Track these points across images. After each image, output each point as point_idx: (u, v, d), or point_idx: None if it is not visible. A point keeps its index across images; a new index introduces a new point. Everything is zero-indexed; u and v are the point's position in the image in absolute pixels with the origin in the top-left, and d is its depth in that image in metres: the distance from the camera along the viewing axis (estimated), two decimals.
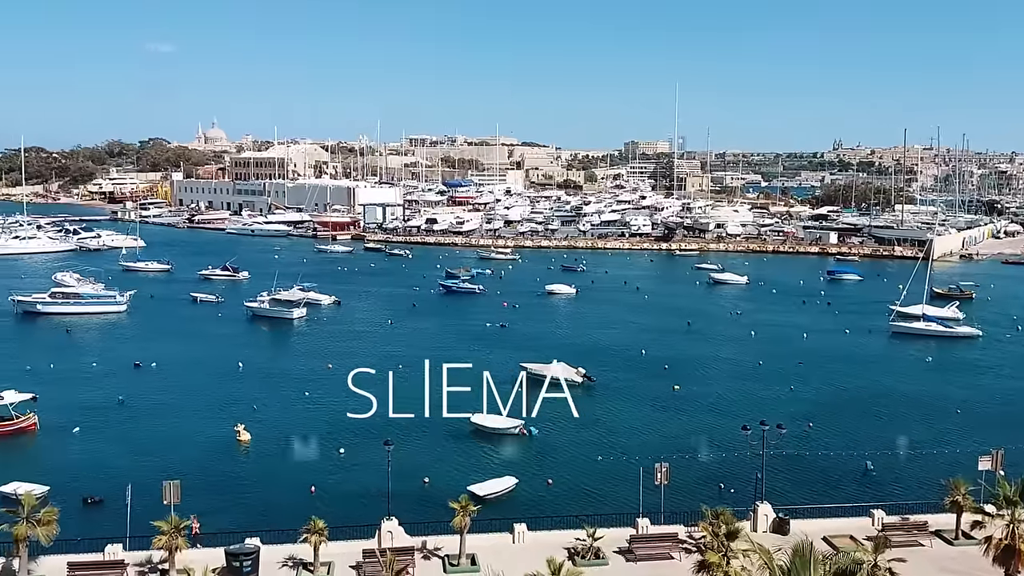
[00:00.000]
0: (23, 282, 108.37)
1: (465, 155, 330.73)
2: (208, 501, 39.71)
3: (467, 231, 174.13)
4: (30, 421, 52.39)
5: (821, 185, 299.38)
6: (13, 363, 68.25)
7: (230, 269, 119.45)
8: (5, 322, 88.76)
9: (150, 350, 73.57)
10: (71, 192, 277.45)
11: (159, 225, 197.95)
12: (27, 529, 30.02)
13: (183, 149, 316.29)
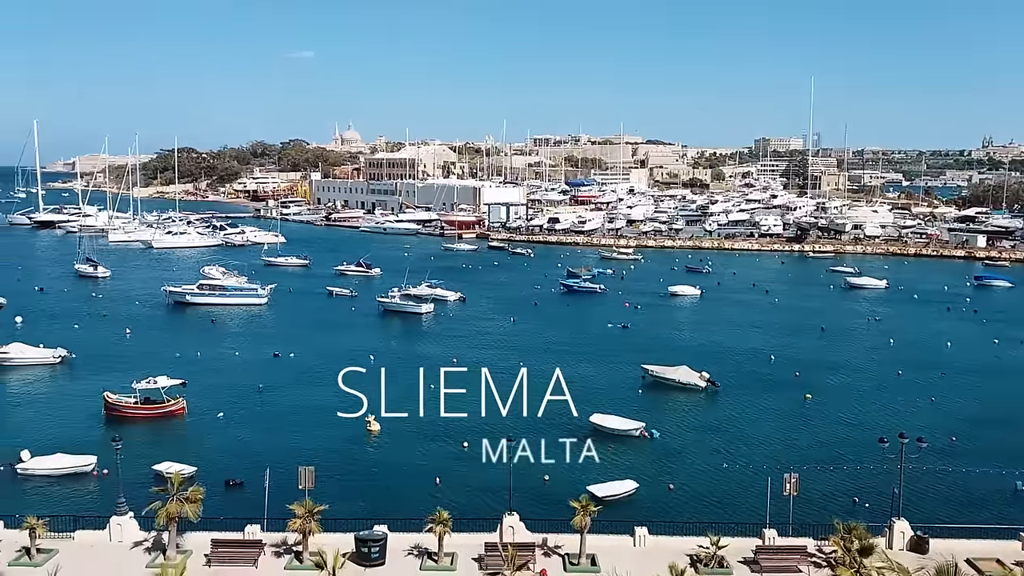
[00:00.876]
0: (174, 274, 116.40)
1: (588, 154, 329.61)
2: (339, 487, 41.42)
3: (589, 230, 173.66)
4: (179, 405, 56.20)
5: (968, 185, 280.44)
6: (165, 350, 73.44)
7: (363, 265, 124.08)
8: (158, 311, 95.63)
9: (288, 341, 77.45)
10: (218, 190, 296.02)
11: (298, 222, 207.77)
12: (176, 507, 32.22)
13: (321, 150, 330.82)
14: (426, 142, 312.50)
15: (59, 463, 45.37)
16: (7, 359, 67.02)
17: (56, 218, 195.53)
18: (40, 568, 31.11)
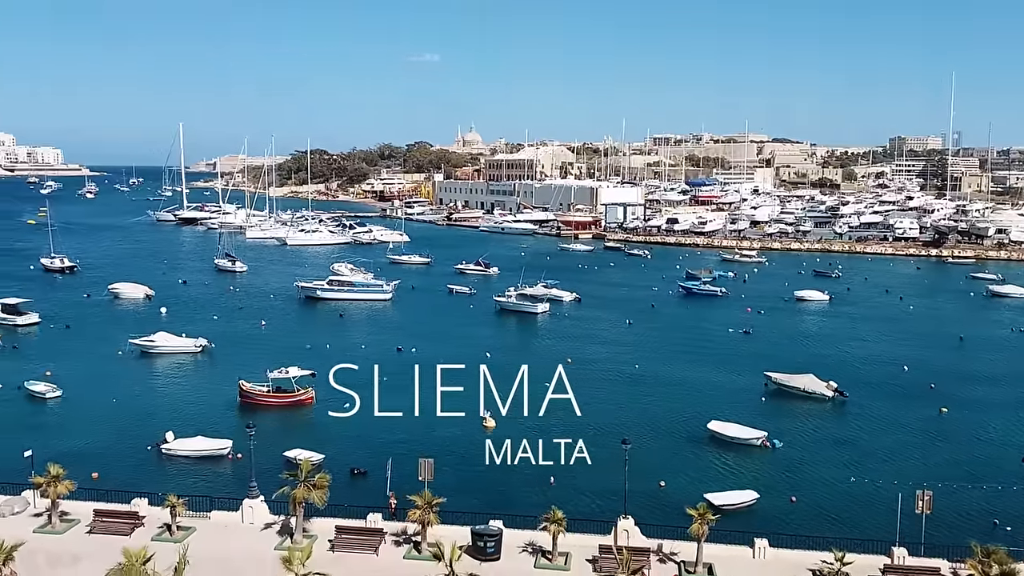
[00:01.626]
0: (306, 270, 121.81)
1: (710, 153, 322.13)
2: (456, 480, 42.28)
3: (710, 231, 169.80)
4: (309, 394, 58.82)
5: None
6: (296, 341, 77.03)
7: (482, 264, 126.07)
8: (291, 305, 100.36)
9: (410, 336, 79.65)
10: (348, 190, 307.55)
11: (421, 222, 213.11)
12: (304, 492, 33.79)
13: (444, 152, 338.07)
14: (544, 143, 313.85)
15: (199, 446, 48.44)
16: (154, 347, 72.09)
17: (198, 215, 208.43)
18: (179, 544, 33.26)
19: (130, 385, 63.79)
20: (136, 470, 45.00)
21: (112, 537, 34.10)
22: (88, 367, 67.22)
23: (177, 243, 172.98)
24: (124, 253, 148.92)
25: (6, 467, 41.91)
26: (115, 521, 35.28)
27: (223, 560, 30.95)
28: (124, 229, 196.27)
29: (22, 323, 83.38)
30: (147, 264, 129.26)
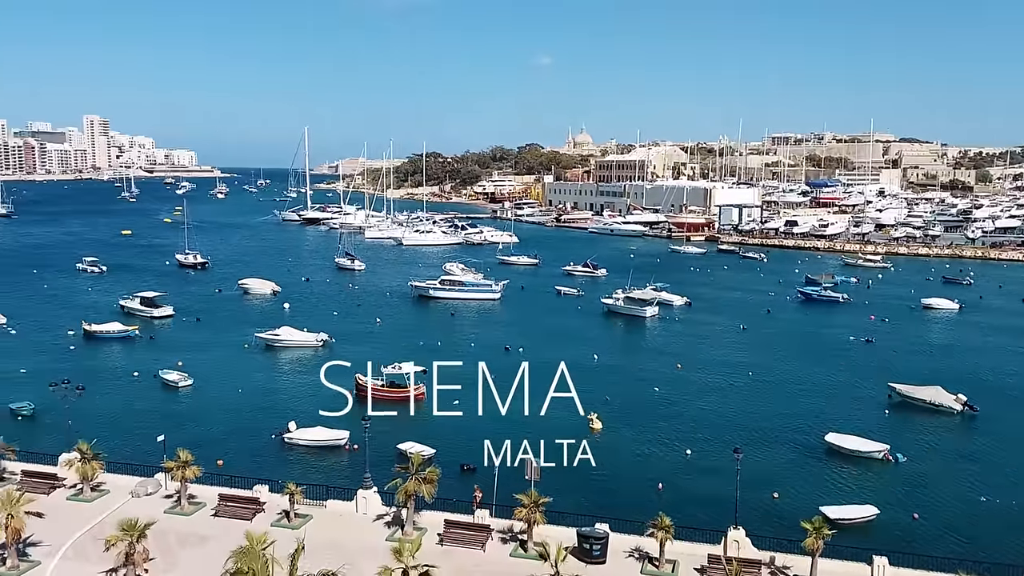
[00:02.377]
0: (419, 270, 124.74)
1: (833, 153, 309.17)
2: (562, 481, 42.22)
3: (831, 235, 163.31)
4: (420, 390, 60.17)
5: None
6: (410, 338, 79.02)
7: (590, 266, 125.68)
8: (405, 303, 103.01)
9: (518, 335, 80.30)
10: (460, 192, 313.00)
11: (530, 223, 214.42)
12: (415, 485, 34.62)
13: (554, 153, 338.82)
14: (656, 143, 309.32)
15: (318, 436, 50.44)
16: (278, 341, 75.55)
17: (321, 216, 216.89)
18: (297, 531, 34.73)
19: (255, 376, 67.12)
20: (258, 457, 47.23)
21: (235, 521, 35.95)
22: (217, 358, 71.11)
23: (301, 242, 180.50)
24: (252, 251, 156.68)
25: (142, 450, 44.94)
26: (238, 506, 37.17)
27: (337, 548, 32.07)
28: (252, 228, 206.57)
29: (158, 315, 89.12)
30: (273, 261, 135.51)
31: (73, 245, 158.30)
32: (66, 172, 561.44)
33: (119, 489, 39.10)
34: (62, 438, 42.86)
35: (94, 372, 65.47)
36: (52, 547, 32.90)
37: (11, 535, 31.07)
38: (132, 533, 29.98)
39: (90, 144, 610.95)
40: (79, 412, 49.39)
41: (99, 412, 53.47)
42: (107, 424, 50.98)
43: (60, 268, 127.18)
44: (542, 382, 64.56)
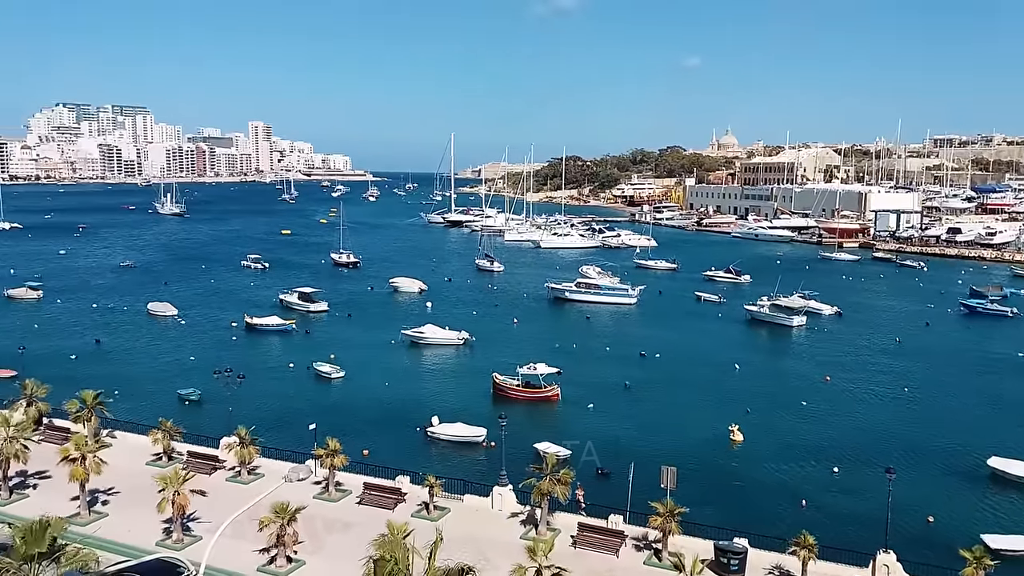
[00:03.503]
0: (556, 272, 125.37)
1: (1002, 156, 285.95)
2: (699, 491, 41.39)
3: (1000, 243, 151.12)
4: (554, 391, 60.68)
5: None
6: (545, 340, 79.65)
7: (733, 272, 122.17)
8: (541, 305, 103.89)
9: (654, 342, 79.24)
10: (599, 195, 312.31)
11: (670, 227, 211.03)
12: (549, 486, 34.87)
13: (697, 156, 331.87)
14: (807, 145, 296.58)
15: (458, 431, 51.76)
16: (423, 338, 78.12)
17: (463, 218, 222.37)
18: (434, 523, 35.73)
19: (401, 371, 69.71)
20: (401, 449, 48.90)
21: (377, 509, 37.49)
22: (366, 353, 74.25)
23: (444, 243, 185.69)
24: (399, 251, 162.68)
25: (295, 437, 47.61)
26: (381, 495, 38.72)
27: (472, 542, 32.79)
28: (399, 229, 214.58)
29: (314, 310, 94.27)
30: (418, 262, 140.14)
31: (238, 243, 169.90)
32: (232, 175, 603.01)
33: (273, 473, 41.63)
34: (223, 423, 46.05)
35: (254, 362, 69.95)
36: (212, 524, 35.37)
37: (177, 510, 33.74)
38: (283, 516, 31.84)
39: (254, 149, 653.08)
40: (239, 399, 53.04)
41: (257, 400, 57.05)
42: (264, 411, 54.30)
43: (226, 264, 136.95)
44: (680, 389, 63.88)
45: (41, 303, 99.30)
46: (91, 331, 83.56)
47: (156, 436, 43.04)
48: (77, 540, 30.15)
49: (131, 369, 68.25)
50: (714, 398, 61.59)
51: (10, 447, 37.31)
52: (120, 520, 35.89)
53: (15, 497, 38.22)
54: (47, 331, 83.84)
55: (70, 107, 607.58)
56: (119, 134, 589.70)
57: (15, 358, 67.87)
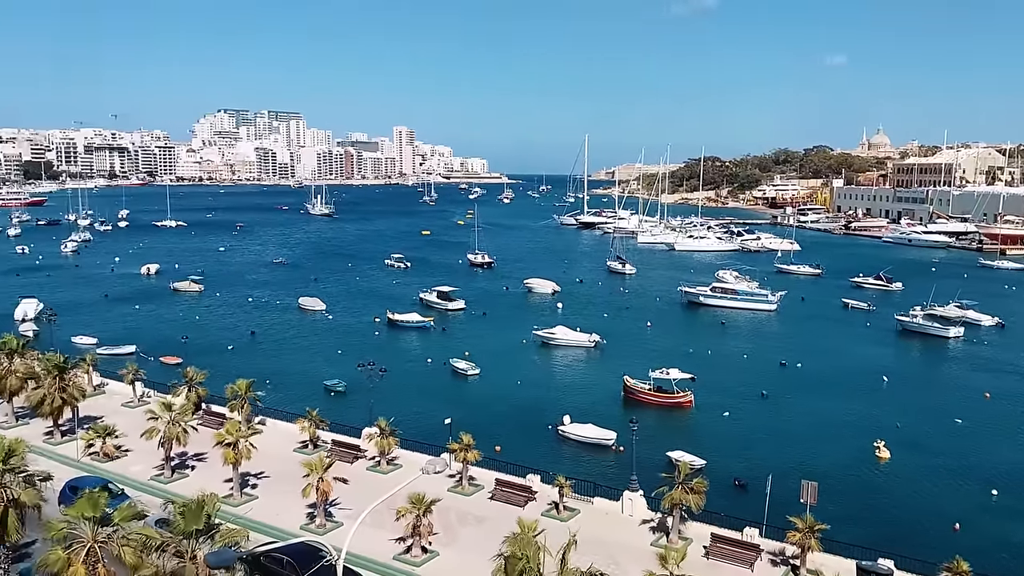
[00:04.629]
0: (690, 275, 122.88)
1: None
2: (841, 508, 39.52)
3: None
4: (688, 397, 59.49)
5: None
6: (678, 345, 78.26)
7: (883, 278, 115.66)
8: (674, 308, 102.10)
9: (795, 350, 76.21)
10: (738, 197, 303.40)
11: (814, 230, 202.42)
12: (681, 494, 34.23)
13: (845, 156, 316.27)
14: (966, 145, 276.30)
15: (588, 432, 51.75)
16: (553, 339, 78.58)
17: (596, 220, 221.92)
18: (564, 523, 35.86)
19: (532, 371, 70.48)
20: (531, 447, 49.35)
21: (508, 506, 38.02)
22: (499, 351, 75.50)
23: (576, 245, 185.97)
24: (531, 252, 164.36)
25: (431, 430, 48.99)
26: (512, 492, 39.26)
27: (602, 546, 32.68)
28: (533, 231, 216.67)
29: (451, 308, 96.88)
30: (550, 263, 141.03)
31: (381, 242, 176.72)
32: (378, 177, 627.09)
33: (410, 464, 43.04)
34: (365, 414, 48.04)
35: (394, 356, 72.55)
36: (352, 512, 36.89)
37: (320, 497, 35.49)
38: (420, 507, 32.89)
39: (398, 153, 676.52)
40: (381, 391, 55.19)
41: (397, 392, 59.14)
42: (403, 404, 56.07)
43: (370, 262, 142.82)
44: (822, 401, 61.16)
45: (202, 296, 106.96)
46: (246, 323, 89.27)
47: (303, 424, 45.41)
48: (229, 519, 32.28)
49: (282, 360, 72.41)
50: (859, 411, 58.61)
51: (172, 430, 40.40)
52: (268, 503, 38.14)
53: (176, 476, 41.37)
54: (207, 322, 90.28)
55: (230, 113, 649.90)
56: (274, 138, 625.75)
57: (179, 346, 73.72)
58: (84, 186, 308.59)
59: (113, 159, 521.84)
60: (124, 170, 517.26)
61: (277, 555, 29.59)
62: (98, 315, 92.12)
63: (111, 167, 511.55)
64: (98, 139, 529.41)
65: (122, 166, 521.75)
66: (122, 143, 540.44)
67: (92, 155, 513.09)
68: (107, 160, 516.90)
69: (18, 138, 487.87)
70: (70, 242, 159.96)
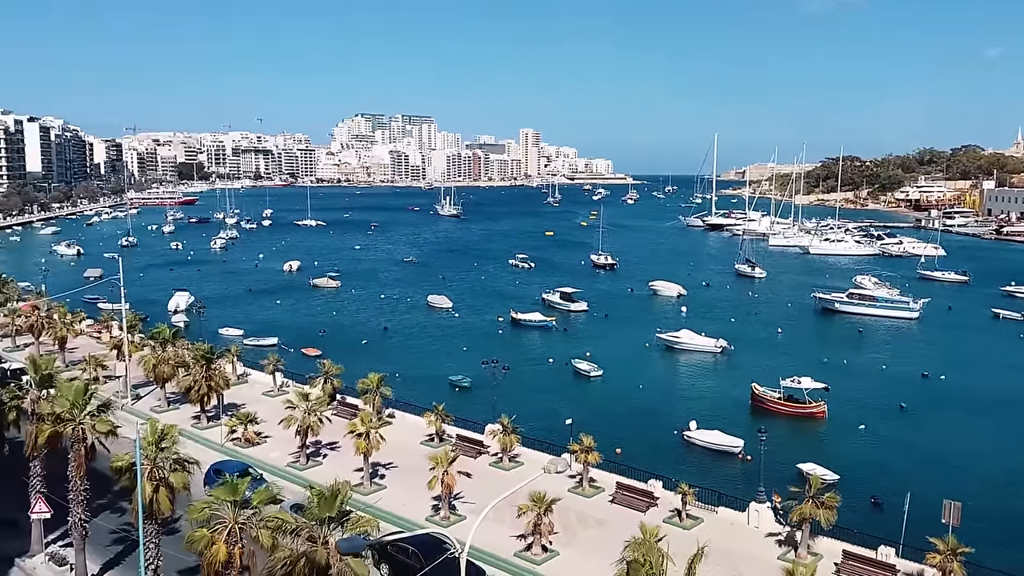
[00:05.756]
0: (826, 281, 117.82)
1: None
2: (987, 531, 36.84)
3: None
4: (820, 408, 57.07)
5: None
6: (810, 353, 75.22)
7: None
8: (807, 315, 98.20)
9: (939, 361, 71.80)
10: (878, 199, 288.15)
11: (962, 235, 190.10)
12: (811, 508, 32.91)
13: (997, 156, 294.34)
14: None
15: (714, 439, 50.59)
16: (678, 343, 77.26)
17: (724, 222, 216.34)
18: (687, 531, 35.21)
19: (655, 374, 69.68)
20: (653, 452, 48.69)
21: (629, 510, 37.68)
22: (621, 353, 74.98)
23: (702, 247, 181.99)
24: (656, 254, 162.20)
25: (552, 429, 49.24)
26: (633, 496, 38.89)
27: (726, 556, 31.91)
28: (657, 232, 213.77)
29: (574, 309, 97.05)
30: (674, 265, 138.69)
31: (506, 243, 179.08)
32: (503, 179, 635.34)
33: (531, 462, 43.46)
34: (488, 410, 48.87)
35: (517, 355, 73.39)
36: (475, 506, 37.63)
37: (445, 490, 36.37)
38: (540, 505, 33.12)
39: (523, 154, 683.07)
40: (503, 389, 56.00)
41: (519, 390, 59.83)
42: (524, 402, 56.59)
43: (495, 262, 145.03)
44: (968, 416, 57.31)
45: (339, 291, 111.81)
46: (379, 318, 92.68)
47: (430, 418, 46.68)
48: (359, 507, 33.59)
49: (410, 355, 74.73)
50: (1011, 429, 54.59)
51: (308, 419, 42.45)
52: (396, 493, 39.44)
53: (310, 464, 43.43)
54: (342, 317, 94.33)
55: (367, 117, 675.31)
56: (407, 141, 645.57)
57: (317, 339, 77.36)
58: (232, 186, 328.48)
59: (258, 161, 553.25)
60: (268, 171, 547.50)
61: (403, 544, 30.57)
62: (242, 308, 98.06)
63: (256, 168, 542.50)
64: (245, 142, 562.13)
65: (266, 168, 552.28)
66: (266, 146, 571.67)
67: (239, 157, 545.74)
68: (253, 162, 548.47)
69: (174, 141, 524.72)
70: (219, 239, 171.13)
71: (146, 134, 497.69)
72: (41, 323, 65.02)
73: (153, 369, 51.21)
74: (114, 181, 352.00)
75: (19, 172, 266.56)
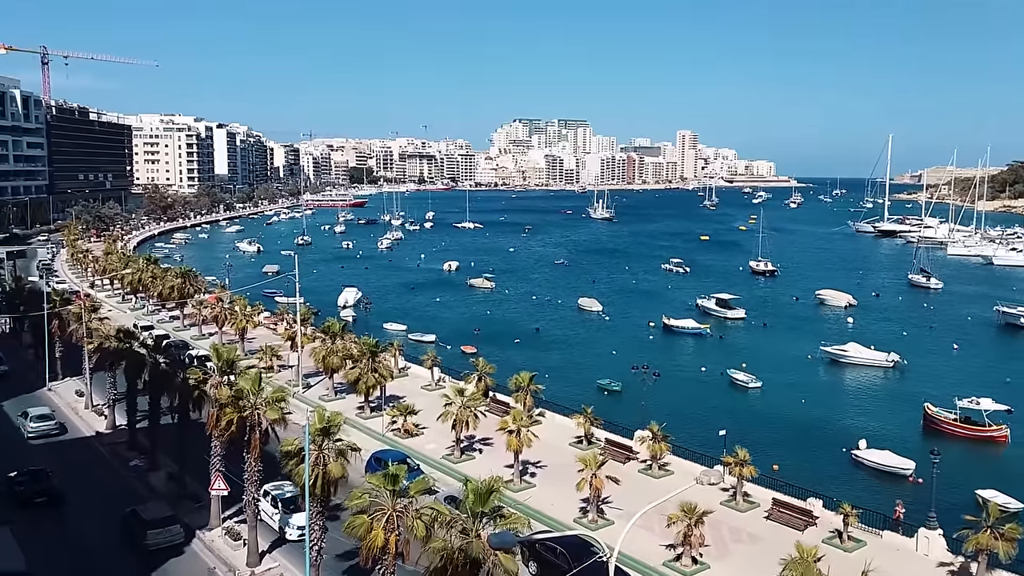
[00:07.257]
0: (1011, 294, 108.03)
1: None
2: None
3: None
4: (1002, 432, 52.52)
5: None
6: (991, 372, 69.34)
7: None
8: (988, 331, 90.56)
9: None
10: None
11: None
12: (987, 538, 30.36)
13: None
14: None
15: (884, 459, 47.69)
16: (845, 356, 73.22)
17: (898, 228, 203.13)
18: (850, 555, 33.36)
19: (819, 389, 66.45)
20: (813, 469, 46.52)
21: (785, 528, 36.15)
22: (780, 365, 72.06)
23: (873, 255, 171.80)
24: (820, 260, 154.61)
25: (703, 439, 47.99)
26: (790, 514, 37.25)
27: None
28: (823, 238, 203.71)
29: (730, 316, 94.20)
30: (841, 273, 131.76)
31: (658, 247, 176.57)
32: (658, 182, 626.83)
33: (681, 472, 42.62)
34: (637, 416, 48.41)
35: (668, 362, 72.25)
36: (623, 512, 37.38)
37: (593, 492, 36.35)
38: (691, 516, 32.41)
39: (680, 157, 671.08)
40: (653, 395, 55.33)
41: (670, 398, 58.88)
42: (675, 410, 55.71)
43: (646, 266, 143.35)
44: None
45: (493, 292, 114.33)
46: (531, 319, 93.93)
47: (579, 420, 46.81)
48: (510, 503, 34.22)
49: (560, 355, 75.31)
50: None
51: (463, 414, 43.68)
52: (544, 492, 39.83)
53: (464, 458, 44.70)
54: (496, 316, 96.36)
55: (524, 122, 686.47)
56: (562, 146, 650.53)
57: (472, 337, 79.54)
58: (398, 190, 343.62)
59: (422, 165, 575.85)
60: (431, 176, 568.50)
61: (551, 544, 30.87)
62: (404, 304, 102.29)
63: (420, 173, 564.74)
64: (410, 148, 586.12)
65: (429, 172, 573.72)
66: (430, 151, 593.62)
67: (405, 162, 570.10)
68: (417, 167, 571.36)
69: (346, 147, 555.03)
70: (385, 239, 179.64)
71: (321, 140, 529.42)
72: (224, 314, 70.79)
73: (323, 360, 54.56)
74: (291, 184, 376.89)
75: (208, 174, 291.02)
